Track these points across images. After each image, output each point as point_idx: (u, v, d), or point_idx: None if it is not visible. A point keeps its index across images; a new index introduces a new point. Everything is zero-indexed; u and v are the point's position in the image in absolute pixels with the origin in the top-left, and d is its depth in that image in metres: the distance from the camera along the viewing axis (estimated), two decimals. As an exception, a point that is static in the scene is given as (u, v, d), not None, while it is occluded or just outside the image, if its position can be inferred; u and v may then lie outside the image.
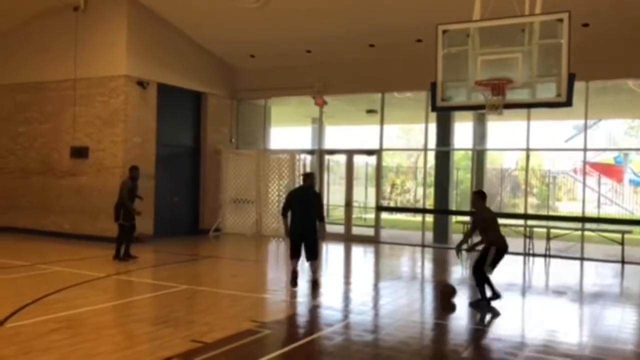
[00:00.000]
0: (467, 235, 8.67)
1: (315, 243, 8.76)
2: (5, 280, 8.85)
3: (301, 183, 9.85)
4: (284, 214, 8.87)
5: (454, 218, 15.70)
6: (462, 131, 17.49)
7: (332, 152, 16.91)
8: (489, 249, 7.79)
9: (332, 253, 13.94)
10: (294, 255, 8.72)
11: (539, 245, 13.08)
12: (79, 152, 13.76)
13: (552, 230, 13.25)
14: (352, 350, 5.95)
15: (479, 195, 8.19)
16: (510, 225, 14.54)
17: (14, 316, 6.54)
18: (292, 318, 7.14)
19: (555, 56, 7.54)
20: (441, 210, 15.39)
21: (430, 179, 16.63)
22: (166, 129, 14.48)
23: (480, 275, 7.84)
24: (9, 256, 10.99)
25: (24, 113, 14.84)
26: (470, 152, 18.02)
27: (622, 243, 12.35)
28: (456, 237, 14.78)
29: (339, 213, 18.36)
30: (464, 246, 8.58)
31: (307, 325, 6.77)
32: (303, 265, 8.99)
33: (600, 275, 11.27)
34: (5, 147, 15.20)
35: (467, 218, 14.69)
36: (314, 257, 8.75)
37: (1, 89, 15.22)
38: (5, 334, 5.89)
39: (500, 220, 8.92)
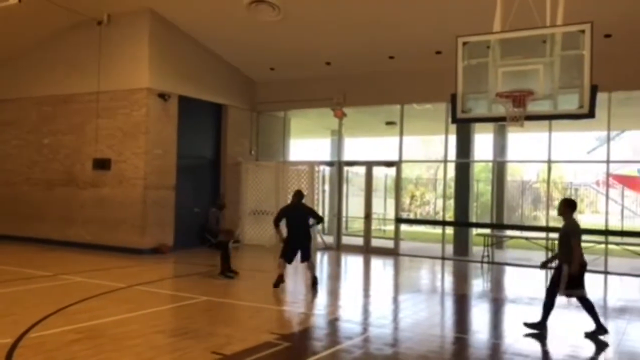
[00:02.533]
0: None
1: (309, 248, 9.81)
2: (28, 290, 8.97)
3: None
4: (277, 225, 9.87)
5: (474, 230, 15.55)
6: (482, 143, 17.37)
7: (351, 163, 16.90)
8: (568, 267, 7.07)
9: (351, 265, 13.89)
10: (287, 261, 9.74)
11: (562, 259, 12.86)
12: (102, 164, 13.95)
13: (575, 243, 13.02)
14: (372, 363, 5.91)
15: (568, 204, 7.43)
16: (532, 238, 14.35)
17: (37, 326, 6.62)
18: (311, 330, 7.12)
19: (578, 67, 7.45)
20: (461, 222, 15.26)
21: (450, 190, 16.51)
22: (187, 140, 14.63)
23: (585, 303, 7.15)
24: (32, 266, 11.15)
25: (49, 125, 15.12)
26: (490, 164, 17.88)
27: (647, 257, 12.11)
28: (477, 250, 14.63)
29: (358, 225, 18.30)
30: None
31: (326, 338, 6.74)
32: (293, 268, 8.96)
33: (625, 289, 11.05)
34: (31, 159, 15.48)
35: (487, 230, 14.55)
36: (308, 258, 9.79)
37: (27, 101, 15.54)
38: (29, 343, 5.96)
39: (522, 233, 8.71)
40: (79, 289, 9.25)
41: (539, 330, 7.13)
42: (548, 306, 7.26)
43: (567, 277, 7.03)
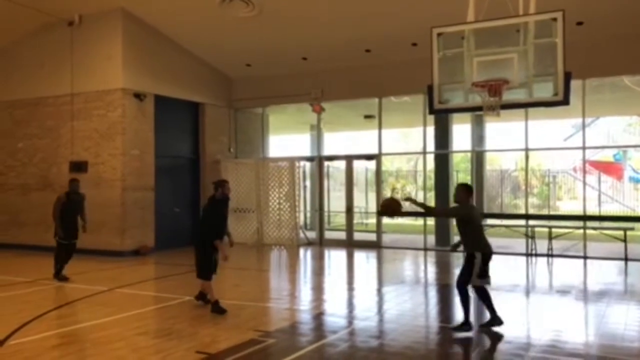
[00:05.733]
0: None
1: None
2: (7, 297, 8.81)
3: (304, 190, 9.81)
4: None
5: (455, 220, 15.64)
6: (461, 133, 17.49)
7: (331, 158, 16.91)
8: (473, 256, 6.75)
9: (334, 259, 13.91)
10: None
11: (541, 245, 13.05)
12: (78, 167, 13.73)
13: (554, 230, 13.22)
14: (358, 356, 5.92)
15: (464, 189, 6.95)
16: (512, 226, 14.52)
17: (16, 333, 6.50)
18: (296, 326, 7.11)
19: (551, 55, 7.54)
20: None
21: (430, 182, 16.61)
22: (164, 140, 14.48)
23: (478, 291, 6.81)
24: (10, 273, 10.97)
25: (23, 129, 14.84)
26: (469, 154, 18.03)
27: (624, 240, 12.32)
28: (458, 240, 14.72)
29: (340, 219, 18.33)
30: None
31: (311, 333, 6.73)
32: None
33: (603, 273, 11.23)
34: (5, 164, 15.19)
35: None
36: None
37: (-1, 105, 15.25)
38: (9, 351, 5.85)
39: (502, 222, 8.73)
40: (59, 294, 9.12)
41: (467, 330, 6.60)
42: (465, 300, 6.72)
43: (480, 265, 6.62)
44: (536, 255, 13.01)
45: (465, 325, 6.65)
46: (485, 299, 6.76)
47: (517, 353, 5.79)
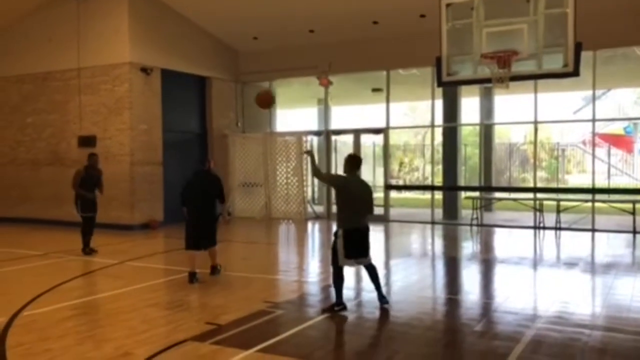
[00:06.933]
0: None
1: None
2: (20, 270, 8.96)
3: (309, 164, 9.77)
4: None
5: (463, 194, 15.66)
6: (469, 106, 17.37)
7: (338, 132, 16.86)
8: (336, 234, 6.26)
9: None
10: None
11: (550, 219, 13.04)
12: (87, 141, 13.79)
13: (562, 203, 13.20)
14: (365, 327, 6.00)
15: (349, 160, 6.49)
16: (520, 199, 14.51)
17: (30, 305, 6.63)
18: (304, 298, 7.19)
19: (561, 26, 7.45)
20: (450, 186, 15.35)
21: (438, 155, 16.57)
22: (172, 115, 14.49)
23: (367, 268, 6.47)
24: (22, 246, 11.11)
25: (31, 104, 14.89)
26: (477, 128, 17.92)
27: (633, 213, 12.28)
28: (466, 213, 14.76)
29: (347, 193, 18.33)
30: None
31: (319, 304, 6.81)
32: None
33: (611, 246, 11.24)
34: (15, 139, 15.27)
35: (476, 193, 14.67)
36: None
37: (7, 80, 15.25)
38: (22, 322, 5.97)
39: (510, 195, 8.73)
40: (71, 267, 9.25)
41: (340, 307, 6.23)
42: (337, 281, 6.31)
43: (342, 242, 6.19)
44: (544, 228, 13.01)
45: (337, 306, 6.23)
46: (373, 278, 6.43)
47: (523, 324, 5.83)
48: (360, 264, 6.53)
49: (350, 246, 6.26)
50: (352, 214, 6.33)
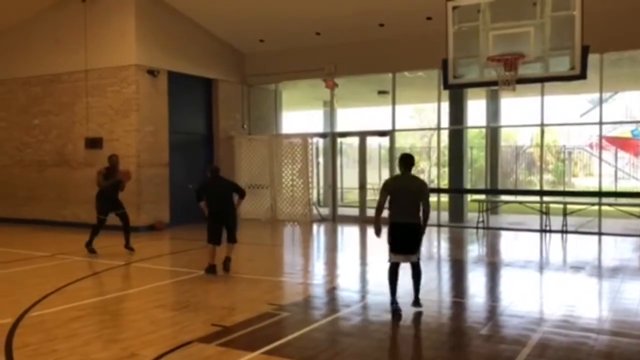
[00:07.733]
0: None
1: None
2: (27, 270, 8.99)
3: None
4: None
5: (469, 197, 15.62)
6: (475, 109, 17.34)
7: (344, 134, 16.87)
8: None
9: (347, 235, 13.98)
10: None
11: (556, 222, 12.99)
12: (94, 143, 13.85)
13: (569, 206, 13.14)
14: (370, 330, 5.99)
15: (399, 160, 6.67)
16: (527, 202, 14.45)
17: (38, 305, 6.66)
18: (309, 300, 7.19)
19: (568, 29, 7.44)
20: (456, 189, 15.32)
21: (444, 158, 16.53)
22: (178, 116, 14.53)
23: None
24: (29, 247, 11.16)
25: (38, 106, 14.96)
26: (484, 130, 17.88)
27: (640, 216, 12.23)
28: (472, 216, 14.73)
29: (352, 196, 18.35)
30: None
31: (324, 306, 6.81)
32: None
33: (618, 250, 11.18)
34: (21, 140, 15.35)
35: (482, 196, 14.62)
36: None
37: (15, 82, 15.33)
38: (28, 323, 6.00)
39: (516, 198, 8.71)
40: (77, 268, 9.29)
41: (393, 307, 6.34)
42: (389, 278, 6.60)
43: (388, 237, 6.56)
44: (550, 231, 12.96)
45: (392, 304, 6.36)
46: (414, 278, 6.63)
47: (529, 328, 5.82)
48: (408, 260, 6.58)
49: (394, 240, 6.47)
50: (398, 210, 6.52)
